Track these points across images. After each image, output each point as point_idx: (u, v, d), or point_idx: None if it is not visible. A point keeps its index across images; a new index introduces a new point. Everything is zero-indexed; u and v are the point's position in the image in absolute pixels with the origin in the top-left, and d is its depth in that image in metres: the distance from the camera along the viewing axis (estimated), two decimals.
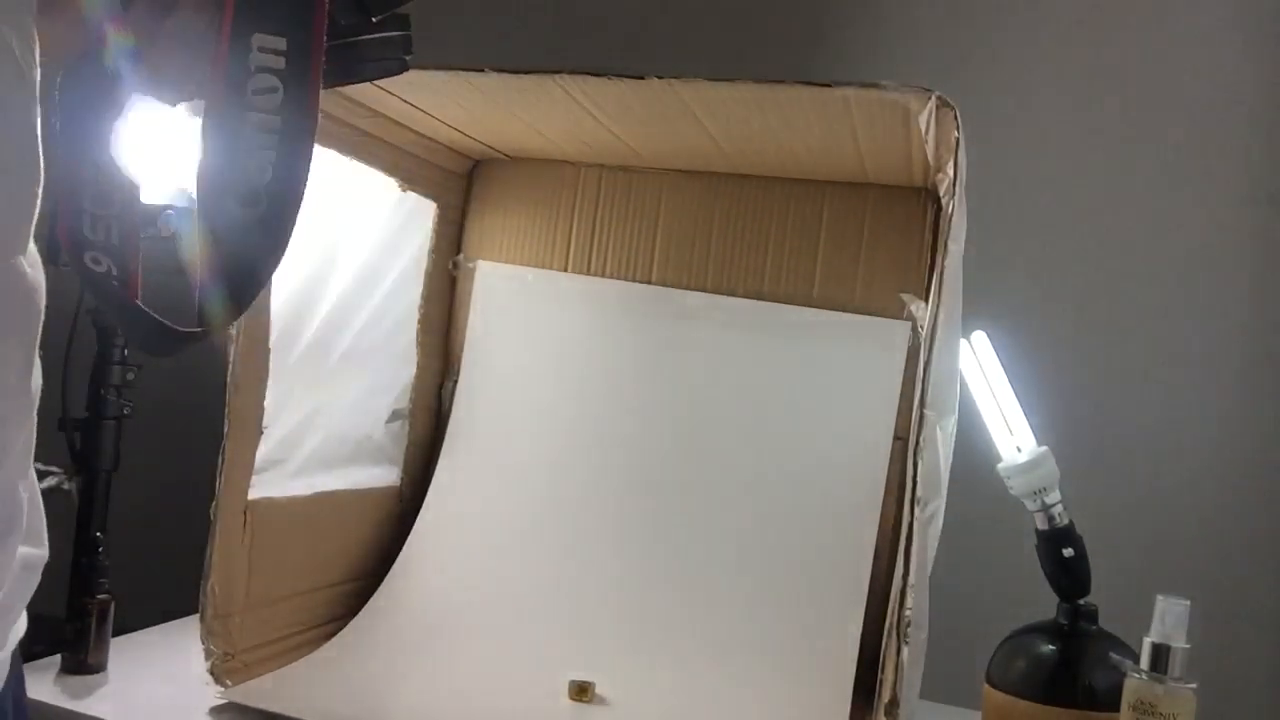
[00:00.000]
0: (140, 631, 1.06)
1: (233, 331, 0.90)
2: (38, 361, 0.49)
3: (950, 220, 0.79)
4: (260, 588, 0.95)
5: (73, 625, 0.94)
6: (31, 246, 0.45)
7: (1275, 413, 1.13)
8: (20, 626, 0.50)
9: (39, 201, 0.44)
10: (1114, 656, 0.83)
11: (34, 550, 0.48)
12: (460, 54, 0.97)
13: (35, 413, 0.49)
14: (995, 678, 0.89)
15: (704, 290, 1.16)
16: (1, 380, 0.45)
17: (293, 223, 0.43)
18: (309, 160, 0.43)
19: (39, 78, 0.44)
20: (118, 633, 0.98)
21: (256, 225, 0.43)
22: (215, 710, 0.88)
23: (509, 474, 1.16)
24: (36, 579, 0.49)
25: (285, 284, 0.97)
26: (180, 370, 1.22)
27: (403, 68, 0.49)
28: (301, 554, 1.03)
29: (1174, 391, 1.16)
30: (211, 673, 0.90)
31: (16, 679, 0.52)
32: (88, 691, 0.91)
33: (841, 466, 1.07)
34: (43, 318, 0.47)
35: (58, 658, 0.94)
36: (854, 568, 1.03)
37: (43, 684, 0.91)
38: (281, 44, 0.41)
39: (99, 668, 0.95)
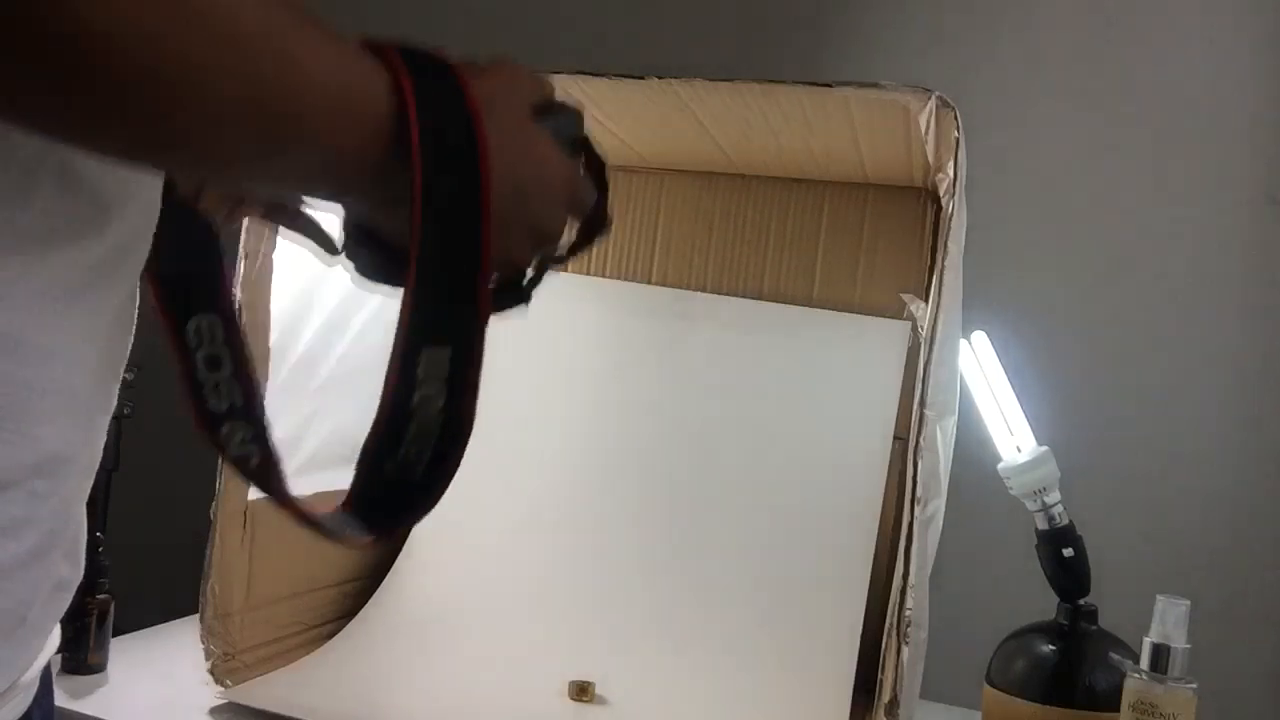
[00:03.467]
0: (140, 631, 1.06)
1: None
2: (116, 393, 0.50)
3: (950, 220, 0.79)
4: (260, 588, 0.95)
5: (73, 625, 0.94)
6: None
7: (1275, 413, 1.13)
8: (52, 643, 0.50)
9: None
10: (1114, 656, 0.83)
11: (70, 571, 0.49)
12: (460, 54, 0.96)
13: (101, 446, 0.50)
14: (995, 678, 0.89)
15: (704, 290, 1.16)
16: (88, 404, 0.46)
17: (433, 502, 0.47)
18: (456, 465, 0.47)
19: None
20: (118, 633, 0.98)
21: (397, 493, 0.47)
22: (215, 710, 0.88)
23: (509, 474, 1.16)
24: (69, 599, 0.49)
25: (285, 285, 0.97)
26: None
27: (529, 300, 0.56)
28: (301, 554, 1.03)
29: (1174, 391, 1.16)
30: (211, 673, 0.90)
31: (46, 692, 0.52)
32: (88, 691, 0.91)
33: (841, 466, 1.07)
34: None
35: (58, 658, 0.94)
36: (854, 568, 1.03)
37: None
38: (446, 353, 0.45)
39: (99, 668, 0.95)
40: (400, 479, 0.46)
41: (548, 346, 1.19)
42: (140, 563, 1.14)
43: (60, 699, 0.88)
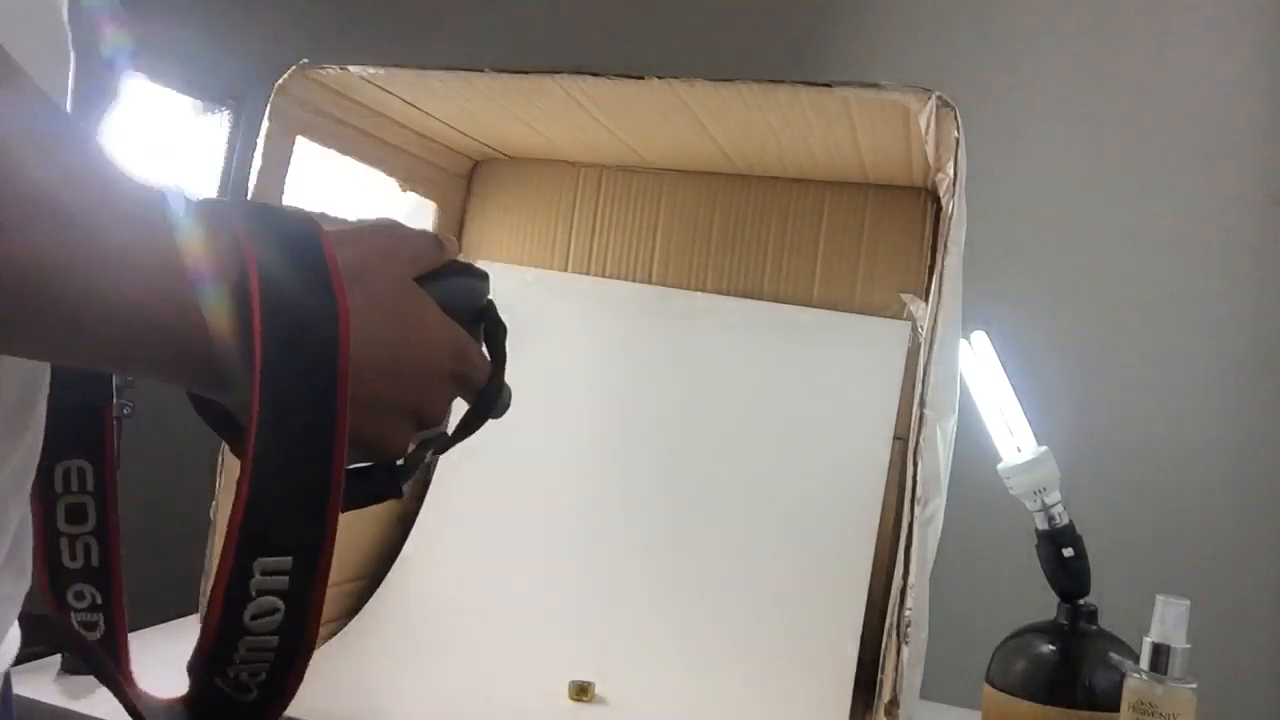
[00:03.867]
0: (140, 631, 1.06)
1: None
2: (48, 374, 0.46)
3: (950, 220, 0.79)
4: None
5: None
6: None
7: (1275, 412, 1.13)
8: (9, 652, 0.48)
9: None
10: (1114, 656, 0.83)
11: (13, 584, 0.46)
12: (460, 54, 0.97)
13: (40, 433, 0.46)
14: (995, 678, 0.89)
15: (704, 290, 1.16)
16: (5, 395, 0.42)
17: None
18: (297, 682, 0.42)
19: None
20: None
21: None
22: None
23: (509, 474, 1.16)
24: (18, 609, 0.47)
25: None
26: None
27: (399, 493, 0.49)
28: None
29: (1174, 391, 1.16)
30: None
31: (4, 704, 0.51)
32: (87, 692, 0.91)
33: (841, 466, 1.07)
34: None
35: (58, 658, 0.94)
36: (854, 567, 1.03)
37: (43, 684, 0.91)
38: (287, 563, 0.40)
39: None
40: (233, 699, 0.41)
41: (547, 347, 1.19)
42: (140, 563, 1.14)
43: (60, 699, 0.88)
